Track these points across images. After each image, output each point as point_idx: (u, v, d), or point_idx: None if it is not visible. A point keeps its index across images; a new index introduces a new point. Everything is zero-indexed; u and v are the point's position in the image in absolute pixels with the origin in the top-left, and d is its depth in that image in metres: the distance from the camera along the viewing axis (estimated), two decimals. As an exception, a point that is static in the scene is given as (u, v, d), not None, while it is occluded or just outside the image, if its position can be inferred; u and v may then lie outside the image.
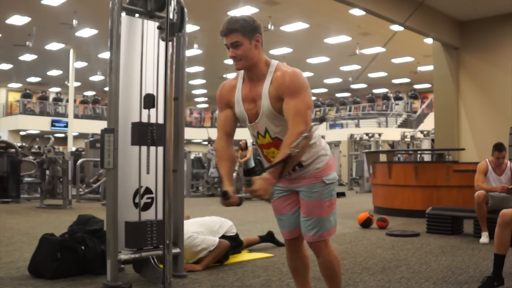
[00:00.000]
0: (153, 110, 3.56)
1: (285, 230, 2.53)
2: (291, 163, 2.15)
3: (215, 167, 13.85)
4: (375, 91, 28.87)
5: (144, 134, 3.49)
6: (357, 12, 13.27)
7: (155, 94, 3.66)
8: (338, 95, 31.03)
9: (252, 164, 12.25)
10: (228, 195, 2.14)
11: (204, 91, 28.98)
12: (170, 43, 3.19)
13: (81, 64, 21.64)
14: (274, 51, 18.96)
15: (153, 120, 3.56)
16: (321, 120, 2.18)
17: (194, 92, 28.92)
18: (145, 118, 3.54)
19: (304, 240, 2.49)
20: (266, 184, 2.05)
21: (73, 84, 20.71)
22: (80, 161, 11.77)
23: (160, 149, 3.56)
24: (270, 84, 2.26)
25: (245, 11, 14.06)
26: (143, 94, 3.62)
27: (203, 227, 4.26)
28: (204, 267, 4.02)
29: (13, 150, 10.65)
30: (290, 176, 2.40)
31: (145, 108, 3.50)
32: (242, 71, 2.37)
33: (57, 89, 28.10)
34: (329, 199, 2.38)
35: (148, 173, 3.58)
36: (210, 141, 13.98)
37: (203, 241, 4.05)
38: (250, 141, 11.79)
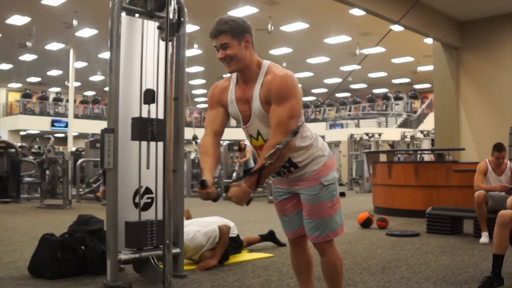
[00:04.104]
0: (153, 106, 3.56)
1: (288, 230, 2.54)
2: (265, 173, 2.17)
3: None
4: (375, 91, 28.87)
5: (144, 129, 3.49)
6: (357, 12, 13.27)
7: (155, 94, 3.66)
8: (338, 95, 31.02)
9: (251, 164, 12.24)
10: (206, 184, 2.07)
11: (204, 91, 28.96)
12: (170, 43, 3.20)
13: (81, 64, 21.63)
14: (274, 51, 18.93)
15: (153, 116, 3.57)
16: (294, 133, 2.17)
17: (194, 92, 28.91)
18: (145, 113, 3.55)
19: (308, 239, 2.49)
20: (240, 192, 2.11)
21: (73, 84, 20.71)
22: (80, 161, 11.77)
23: (160, 147, 3.56)
24: (260, 87, 2.23)
25: (245, 11, 14.04)
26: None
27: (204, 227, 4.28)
28: (219, 259, 4.12)
29: (13, 150, 10.66)
30: (287, 177, 2.39)
31: (145, 103, 3.49)
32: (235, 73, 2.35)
33: (57, 89, 28.10)
34: (329, 200, 2.37)
35: (148, 168, 3.58)
36: (195, 138, 13.67)
37: (205, 235, 4.13)
38: (247, 142, 11.74)
